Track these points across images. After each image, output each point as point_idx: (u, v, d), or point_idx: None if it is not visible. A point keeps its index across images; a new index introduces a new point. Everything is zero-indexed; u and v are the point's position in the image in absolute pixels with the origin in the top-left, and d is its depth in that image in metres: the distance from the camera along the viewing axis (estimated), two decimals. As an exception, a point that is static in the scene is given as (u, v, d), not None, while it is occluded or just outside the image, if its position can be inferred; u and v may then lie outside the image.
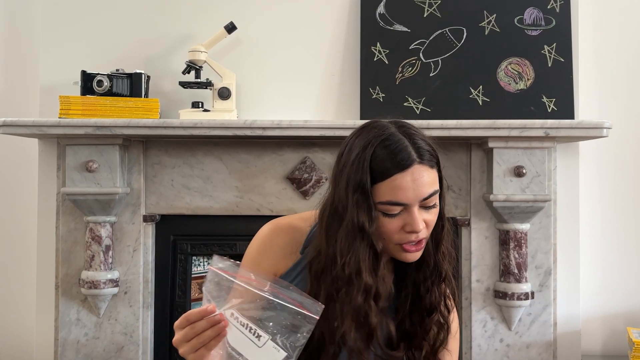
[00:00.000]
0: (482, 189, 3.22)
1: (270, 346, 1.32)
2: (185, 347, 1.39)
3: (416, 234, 1.57)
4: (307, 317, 1.32)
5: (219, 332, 1.36)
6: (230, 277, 1.36)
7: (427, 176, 1.57)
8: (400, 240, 1.59)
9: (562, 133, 2.99)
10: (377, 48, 3.32)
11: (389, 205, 1.56)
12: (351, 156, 1.60)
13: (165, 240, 3.37)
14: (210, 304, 1.36)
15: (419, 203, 1.57)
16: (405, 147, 1.56)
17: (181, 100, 3.37)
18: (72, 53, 3.42)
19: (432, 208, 1.60)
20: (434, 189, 1.58)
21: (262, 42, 3.42)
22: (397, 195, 1.55)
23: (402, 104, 3.26)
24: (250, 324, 1.34)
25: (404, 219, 1.57)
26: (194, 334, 1.37)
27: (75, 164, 3.14)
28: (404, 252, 1.61)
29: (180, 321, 1.40)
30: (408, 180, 1.55)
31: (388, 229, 1.59)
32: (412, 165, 1.55)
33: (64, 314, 3.28)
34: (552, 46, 3.29)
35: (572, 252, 3.32)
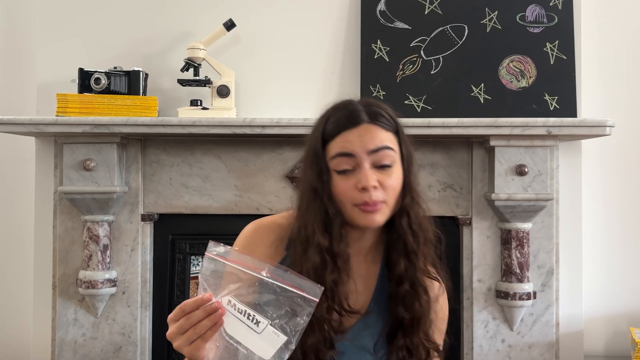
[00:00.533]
0: (484, 188, 3.22)
1: (270, 331, 1.30)
2: (180, 339, 1.35)
3: (369, 193, 1.58)
4: (307, 300, 1.31)
5: (215, 321, 1.32)
6: (227, 262, 1.33)
7: (377, 133, 1.62)
8: (355, 200, 1.60)
9: (564, 131, 2.99)
10: (378, 45, 3.31)
11: (338, 157, 1.61)
12: (313, 128, 1.72)
13: (164, 240, 3.37)
14: (206, 293, 1.33)
15: (368, 158, 1.60)
16: (357, 110, 1.65)
17: (180, 98, 3.37)
18: (70, 50, 3.42)
19: (387, 169, 1.62)
20: (384, 144, 1.61)
21: (262, 39, 3.42)
22: (344, 147, 1.61)
23: (403, 102, 3.26)
24: (248, 310, 1.31)
25: (357, 177, 1.60)
26: (189, 325, 1.33)
27: (72, 163, 3.14)
28: (361, 214, 1.61)
29: (174, 313, 1.36)
30: (356, 134, 1.61)
31: (342, 188, 1.61)
32: (360, 123, 1.62)
33: (61, 314, 3.28)
34: (554, 43, 3.29)
35: (574, 251, 3.31)
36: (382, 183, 1.60)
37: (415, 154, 1.73)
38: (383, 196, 1.60)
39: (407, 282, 1.68)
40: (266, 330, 1.30)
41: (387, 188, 1.61)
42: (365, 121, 1.62)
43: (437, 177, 3.23)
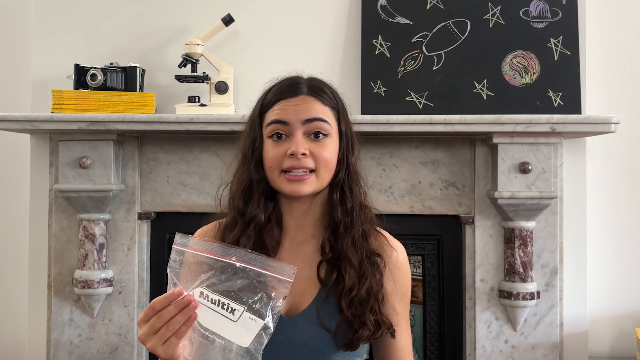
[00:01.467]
0: (487, 186, 3.21)
1: (246, 318, 1.30)
2: (153, 340, 1.32)
3: (298, 159, 1.64)
4: (282, 282, 1.32)
5: (189, 315, 1.29)
6: (196, 252, 1.33)
7: (314, 104, 1.70)
8: (284, 166, 1.66)
9: (568, 128, 2.99)
10: (379, 41, 3.31)
11: (272, 124, 1.68)
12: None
13: (161, 239, 3.37)
14: (176, 287, 1.31)
15: (302, 127, 1.67)
16: (298, 82, 1.76)
17: (177, 95, 3.37)
18: (65, 46, 3.42)
19: (321, 139, 1.69)
20: (319, 115, 1.69)
21: (260, 34, 3.41)
22: (279, 114, 1.69)
23: (404, 98, 3.26)
24: (222, 299, 1.30)
25: (289, 143, 1.67)
26: (161, 323, 1.30)
27: (68, 160, 3.14)
28: (288, 183, 1.67)
29: (144, 313, 1.34)
30: (292, 103, 1.69)
31: (273, 153, 1.68)
32: (300, 94, 1.71)
33: (56, 315, 3.28)
34: (558, 39, 3.28)
35: (579, 250, 3.31)
36: (314, 153, 1.67)
37: (414, 150, 1.75)
38: (313, 165, 1.67)
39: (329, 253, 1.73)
40: (242, 317, 1.30)
41: (318, 158, 1.67)
42: (304, 93, 1.71)
43: (439, 175, 3.23)
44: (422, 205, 3.24)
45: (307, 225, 1.79)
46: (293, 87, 1.72)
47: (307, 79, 1.78)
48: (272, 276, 1.31)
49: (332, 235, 1.74)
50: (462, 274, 3.29)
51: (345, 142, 1.76)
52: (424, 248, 3.33)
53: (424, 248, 3.33)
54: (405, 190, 3.24)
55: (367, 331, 1.67)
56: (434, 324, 3.32)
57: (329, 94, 1.75)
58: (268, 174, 1.70)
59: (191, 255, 1.33)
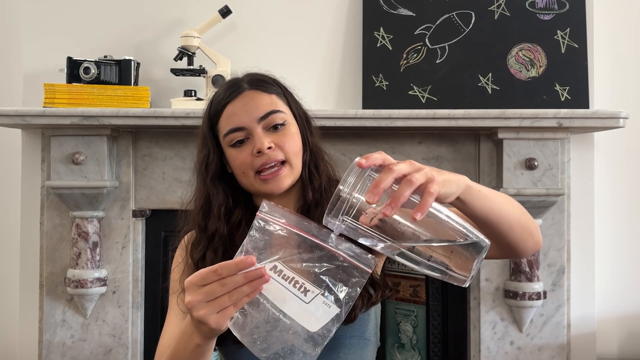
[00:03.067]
0: (492, 183, 3.21)
1: (319, 302, 1.25)
2: (206, 308, 1.23)
3: (266, 155, 1.65)
4: (362, 272, 1.28)
5: (256, 287, 1.23)
6: (286, 227, 1.28)
7: (261, 98, 1.70)
8: (255, 166, 1.66)
9: (576, 123, 2.99)
10: (381, 33, 3.31)
11: (230, 134, 1.68)
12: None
13: (156, 237, 3.36)
14: (249, 256, 1.24)
15: (258, 124, 1.67)
16: (237, 81, 1.75)
17: (173, 89, 3.36)
18: (58, 38, 3.42)
19: (281, 128, 1.70)
20: (270, 109, 1.69)
21: (259, 26, 3.41)
22: (233, 122, 1.68)
23: (407, 92, 3.26)
24: (297, 277, 1.25)
25: (252, 143, 1.67)
26: (224, 291, 1.22)
27: (60, 156, 3.14)
28: (264, 183, 1.68)
29: (200, 276, 1.24)
30: (239, 105, 1.69)
31: (240, 159, 1.68)
32: (241, 92, 1.70)
33: (48, 315, 3.28)
34: (565, 31, 3.28)
35: (586, 249, 3.31)
36: (278, 144, 1.67)
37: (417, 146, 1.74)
38: (282, 155, 1.67)
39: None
40: (315, 300, 1.26)
41: (284, 147, 1.68)
42: (246, 89, 1.71)
43: (443, 171, 3.22)
44: (425, 203, 3.23)
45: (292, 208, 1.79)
46: (234, 88, 1.72)
47: (245, 75, 1.79)
48: (354, 264, 1.28)
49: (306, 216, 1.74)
50: (466, 273, 3.28)
51: (302, 123, 1.78)
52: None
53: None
54: (407, 187, 3.23)
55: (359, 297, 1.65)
56: (437, 324, 3.32)
57: (270, 82, 1.77)
58: (243, 182, 1.71)
59: (277, 228, 1.28)
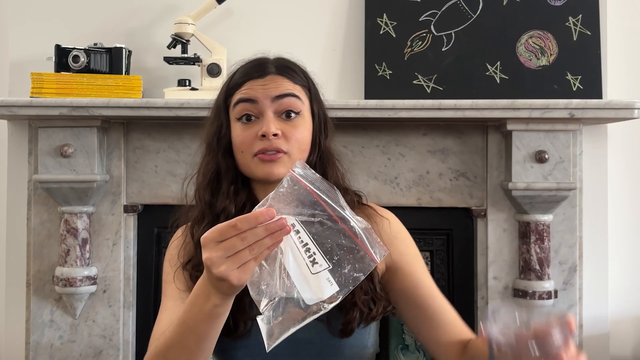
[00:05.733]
0: (500, 176, 3.22)
1: (323, 277, 1.25)
2: (226, 263, 1.22)
3: (269, 141, 1.67)
4: (372, 260, 1.28)
5: (277, 239, 1.22)
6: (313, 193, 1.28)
7: (283, 82, 1.73)
8: (254, 149, 1.69)
9: (588, 114, 2.99)
10: (384, 20, 3.31)
11: (240, 104, 1.71)
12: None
13: (149, 233, 3.37)
14: (269, 208, 1.23)
15: (272, 105, 1.70)
16: (265, 62, 1.78)
17: (166, 78, 3.37)
18: (45, 25, 3.42)
19: (292, 118, 1.72)
20: (289, 91, 1.72)
21: (256, 13, 3.41)
22: (246, 93, 1.72)
23: (411, 81, 3.26)
24: (312, 245, 1.25)
25: (259, 125, 1.70)
26: (244, 245, 1.21)
27: (48, 149, 3.14)
28: (261, 164, 1.69)
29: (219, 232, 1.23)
30: (260, 82, 1.72)
31: (242, 137, 1.71)
32: (267, 74, 1.73)
33: (36, 315, 3.28)
34: (577, 18, 3.28)
35: (599, 246, 3.31)
36: (285, 133, 1.69)
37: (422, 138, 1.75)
38: (285, 146, 1.69)
39: None
40: (321, 274, 1.25)
41: (290, 139, 1.70)
42: (272, 72, 1.73)
43: (449, 164, 3.23)
44: (431, 197, 3.25)
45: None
46: (260, 67, 1.75)
47: (275, 59, 1.81)
48: (367, 251, 1.28)
49: None
50: (473, 272, 3.29)
51: (318, 123, 1.79)
52: (432, 243, 3.33)
53: (433, 243, 3.33)
54: (412, 181, 3.24)
55: (358, 312, 1.69)
56: (443, 325, 3.32)
57: (299, 72, 1.79)
58: (239, 160, 1.73)
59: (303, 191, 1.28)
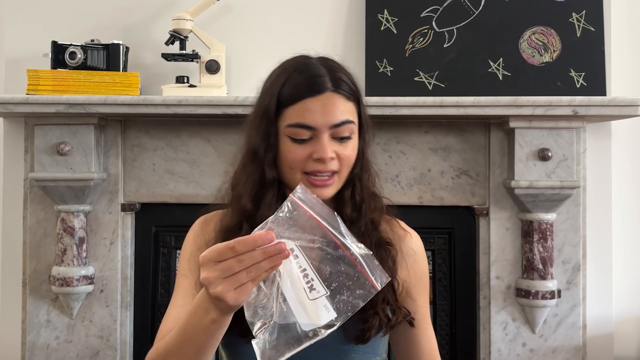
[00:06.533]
0: (503, 175, 3.22)
1: (321, 304, 1.26)
2: (223, 284, 1.24)
3: (324, 164, 1.64)
4: (372, 286, 1.29)
5: (275, 263, 1.24)
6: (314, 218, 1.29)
7: (340, 104, 1.67)
8: (307, 169, 1.66)
9: (592, 111, 2.99)
10: (385, 16, 3.31)
11: (297, 127, 1.65)
12: (266, 85, 1.77)
13: (146, 232, 3.37)
14: (268, 231, 1.24)
15: (329, 130, 1.65)
16: (320, 75, 1.68)
17: (164, 75, 3.37)
18: (42, 21, 3.42)
19: (346, 141, 1.68)
20: (347, 118, 1.67)
21: (255, 8, 3.41)
22: (305, 118, 1.64)
23: (413, 78, 3.26)
24: (310, 270, 1.27)
25: (313, 146, 1.65)
26: (241, 267, 1.23)
27: (45, 146, 3.14)
28: (311, 187, 1.65)
29: (217, 252, 1.25)
30: (318, 104, 1.65)
31: (295, 155, 1.66)
32: (324, 91, 1.65)
33: (32, 315, 3.29)
34: (581, 14, 3.28)
35: (603, 245, 3.31)
36: (339, 154, 1.67)
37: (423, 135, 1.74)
38: (337, 167, 1.68)
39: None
40: (318, 300, 1.26)
41: (343, 160, 1.68)
42: (328, 89, 1.66)
43: (451, 162, 3.23)
44: (432, 196, 3.25)
45: None
46: (314, 84, 1.66)
47: (326, 67, 1.71)
48: (368, 277, 1.29)
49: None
50: (475, 271, 3.29)
51: (364, 134, 1.77)
52: (434, 242, 3.33)
53: (434, 242, 3.33)
54: (413, 179, 3.24)
55: (378, 320, 1.69)
56: (445, 325, 3.33)
57: (349, 83, 1.72)
58: (285, 173, 1.70)
59: (304, 215, 1.29)
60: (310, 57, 1.77)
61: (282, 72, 1.73)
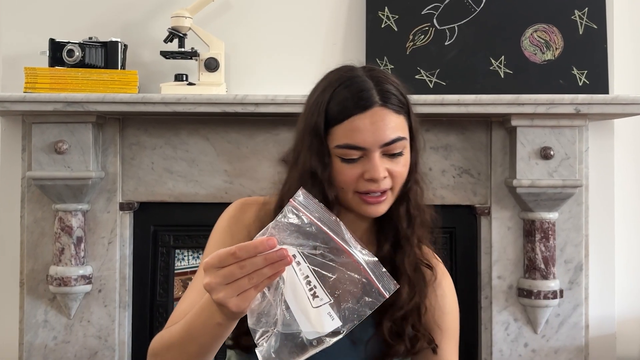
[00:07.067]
0: (504, 173, 3.22)
1: (324, 311, 1.24)
2: (225, 290, 1.23)
3: (377, 183, 1.60)
4: (379, 293, 1.26)
5: (277, 270, 1.22)
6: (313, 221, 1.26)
7: (390, 120, 1.60)
8: (359, 189, 1.62)
9: (594, 110, 2.99)
10: (385, 13, 3.31)
11: (346, 149, 1.60)
12: (312, 99, 1.70)
13: (145, 231, 3.37)
14: (270, 237, 1.22)
15: (380, 149, 1.60)
16: (367, 89, 1.62)
17: (163, 73, 3.37)
18: (39, 18, 3.41)
19: (398, 157, 1.63)
20: (397, 135, 1.61)
21: (255, 6, 3.41)
22: (354, 138, 1.59)
23: (414, 76, 3.26)
24: (313, 277, 1.24)
25: (364, 165, 1.60)
26: (243, 273, 1.21)
27: (42, 145, 3.14)
28: (364, 205, 1.63)
29: (219, 258, 1.24)
30: (367, 122, 1.59)
31: (346, 176, 1.62)
32: (372, 106, 1.60)
33: (29, 315, 3.28)
34: (583, 11, 3.28)
35: (606, 244, 3.32)
36: (391, 172, 1.62)
37: (424, 134, 1.73)
38: (390, 184, 1.63)
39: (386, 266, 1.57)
40: (322, 308, 1.24)
41: (396, 177, 1.63)
42: (376, 104, 1.60)
43: (452, 161, 3.23)
44: (433, 195, 3.23)
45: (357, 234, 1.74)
46: (362, 98, 1.61)
47: (373, 79, 1.65)
48: (374, 284, 1.27)
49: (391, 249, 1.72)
50: (477, 271, 3.29)
51: (415, 147, 1.72)
52: (434, 242, 3.32)
53: (435, 242, 3.32)
54: (414, 178, 3.24)
55: (403, 346, 1.68)
56: (446, 325, 3.32)
57: (400, 96, 1.66)
58: (338, 192, 1.65)
59: (306, 221, 1.27)
60: (355, 67, 1.72)
61: (327, 86, 1.68)
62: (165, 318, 3.26)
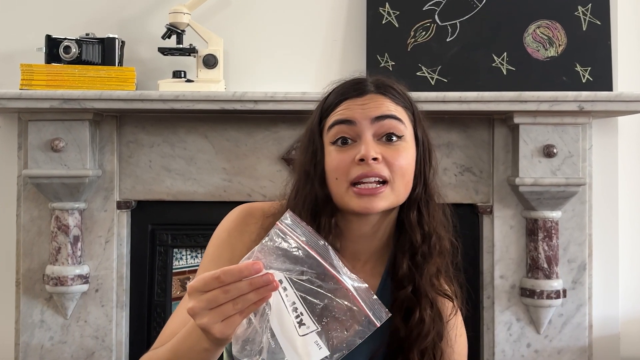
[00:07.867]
0: (507, 172, 3.21)
1: (311, 340, 1.20)
2: (208, 315, 1.20)
3: (369, 166, 1.52)
4: (370, 322, 1.23)
5: (263, 296, 1.19)
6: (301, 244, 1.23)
7: (383, 101, 1.59)
8: (351, 176, 1.54)
9: (598, 107, 2.99)
10: (386, 9, 3.31)
11: (336, 126, 1.58)
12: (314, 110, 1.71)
13: (142, 230, 3.37)
14: (256, 261, 1.19)
15: (372, 127, 1.56)
16: (363, 80, 1.64)
17: (161, 69, 3.37)
18: (36, 14, 3.42)
19: (394, 142, 1.57)
20: (391, 113, 1.57)
21: (254, 2, 3.41)
22: (343, 114, 1.58)
23: (415, 73, 3.26)
24: (300, 304, 1.21)
25: (356, 149, 1.55)
26: (227, 299, 1.18)
27: (38, 143, 3.14)
28: (359, 198, 1.54)
29: (203, 282, 1.20)
30: (358, 102, 1.59)
31: (337, 161, 1.56)
32: (364, 94, 1.60)
33: (25, 315, 3.28)
34: (587, 7, 3.28)
35: (609, 243, 3.31)
36: (387, 158, 1.54)
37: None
38: (386, 173, 1.54)
39: (409, 286, 1.62)
40: (309, 337, 1.20)
41: (393, 166, 1.55)
42: (371, 91, 1.60)
43: (454, 159, 3.23)
44: (435, 193, 3.24)
45: (364, 252, 1.69)
46: (358, 86, 1.61)
47: (374, 78, 1.66)
48: (364, 312, 1.23)
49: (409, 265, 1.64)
50: (479, 270, 3.29)
51: (422, 152, 1.64)
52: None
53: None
54: (415, 177, 3.23)
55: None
56: (447, 325, 3.32)
57: (401, 93, 1.64)
58: (332, 189, 1.59)
59: (294, 244, 1.24)
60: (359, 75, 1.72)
61: (328, 89, 1.69)
62: (164, 318, 3.26)
